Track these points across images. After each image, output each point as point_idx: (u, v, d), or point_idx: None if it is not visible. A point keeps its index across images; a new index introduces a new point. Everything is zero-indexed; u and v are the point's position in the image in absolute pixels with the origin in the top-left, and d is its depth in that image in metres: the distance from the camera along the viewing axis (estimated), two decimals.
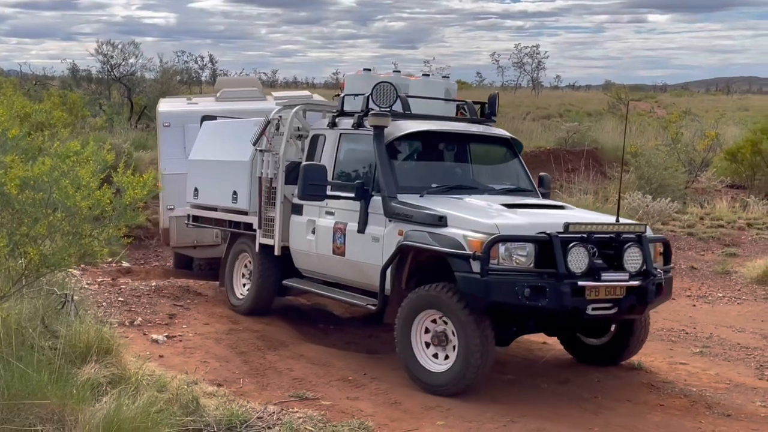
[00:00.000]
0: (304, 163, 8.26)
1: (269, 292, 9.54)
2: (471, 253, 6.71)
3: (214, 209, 10.26)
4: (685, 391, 7.35)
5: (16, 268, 5.80)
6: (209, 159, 10.35)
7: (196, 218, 10.78)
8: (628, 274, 6.87)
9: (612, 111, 36.69)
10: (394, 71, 9.41)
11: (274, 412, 6.44)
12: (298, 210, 8.91)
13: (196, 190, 10.59)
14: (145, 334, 8.55)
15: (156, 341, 8.39)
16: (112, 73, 33.75)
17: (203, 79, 53.95)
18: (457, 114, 9.29)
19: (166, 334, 8.64)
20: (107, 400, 5.46)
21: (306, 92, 15.37)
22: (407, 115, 8.50)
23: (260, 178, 9.23)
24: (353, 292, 8.34)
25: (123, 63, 33.43)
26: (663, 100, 55.09)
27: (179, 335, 8.67)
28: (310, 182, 7.88)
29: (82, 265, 10.10)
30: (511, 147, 8.92)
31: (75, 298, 7.45)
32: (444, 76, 9.62)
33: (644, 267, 6.95)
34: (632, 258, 6.92)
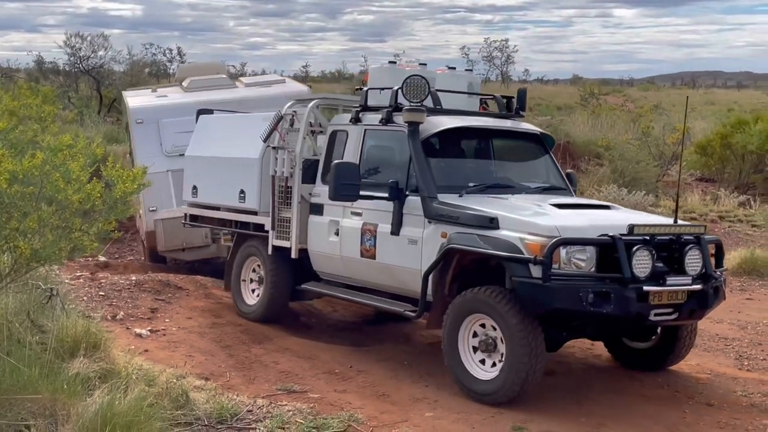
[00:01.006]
0: (336, 161, 7.78)
1: (283, 298, 9.02)
2: (532, 257, 6.35)
3: (217, 208, 9.76)
4: (667, 381, 7.46)
5: (5, 262, 5.76)
6: (210, 155, 9.80)
7: (194, 218, 10.26)
8: (690, 277, 6.61)
9: (583, 105, 36.94)
10: (420, 63, 8.93)
11: (263, 405, 6.48)
12: (317, 210, 8.44)
13: (194, 188, 10.00)
14: (128, 329, 8.51)
15: (140, 335, 8.36)
16: (80, 65, 33.43)
17: (171, 71, 53.58)
18: (479, 108, 9.04)
19: (149, 328, 8.60)
20: (99, 394, 5.44)
21: (276, 76, 15.05)
22: (437, 110, 8.09)
23: (273, 176, 8.74)
24: (382, 296, 7.96)
25: (92, 55, 33.11)
26: (630, 94, 55.55)
27: (162, 329, 8.65)
28: (342, 182, 7.45)
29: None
30: (542, 143, 8.51)
31: (59, 292, 7.39)
32: (467, 70, 9.28)
33: (704, 270, 6.69)
34: (693, 260, 6.65)
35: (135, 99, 12.96)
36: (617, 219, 6.90)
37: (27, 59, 37.09)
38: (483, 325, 6.81)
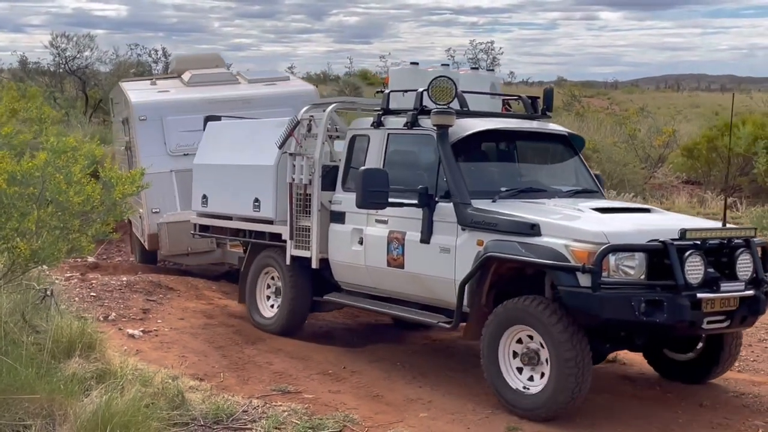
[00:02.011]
0: (363, 167, 7.46)
1: (303, 309, 8.70)
2: (580, 265, 6.04)
3: (229, 218, 9.38)
4: (660, 382, 7.51)
5: (3, 263, 5.76)
6: (221, 163, 9.42)
7: (204, 228, 9.86)
8: (742, 283, 6.32)
9: (567, 108, 37.07)
10: (442, 64, 8.52)
11: (258, 406, 6.49)
12: (338, 218, 8.10)
13: (204, 197, 9.61)
14: (120, 329, 8.52)
15: (132, 336, 8.37)
16: (66, 66, 33.26)
17: (156, 72, 53.37)
18: (502, 109, 8.72)
19: (141, 329, 8.62)
20: (96, 394, 5.46)
21: (276, 71, 14.33)
22: (464, 112, 7.75)
23: (290, 184, 8.37)
24: (409, 306, 7.68)
25: (78, 56, 32.93)
26: (615, 96, 55.78)
27: (155, 330, 8.66)
28: (371, 189, 7.10)
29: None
30: (571, 144, 8.16)
31: (54, 293, 7.40)
32: (489, 70, 8.93)
33: (755, 274, 6.41)
34: (744, 265, 6.37)
35: (137, 93, 12.28)
36: (664, 223, 6.69)
37: (11, 59, 36.89)
38: (528, 337, 6.48)
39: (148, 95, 12.13)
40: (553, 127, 8.34)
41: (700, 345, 7.26)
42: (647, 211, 7.37)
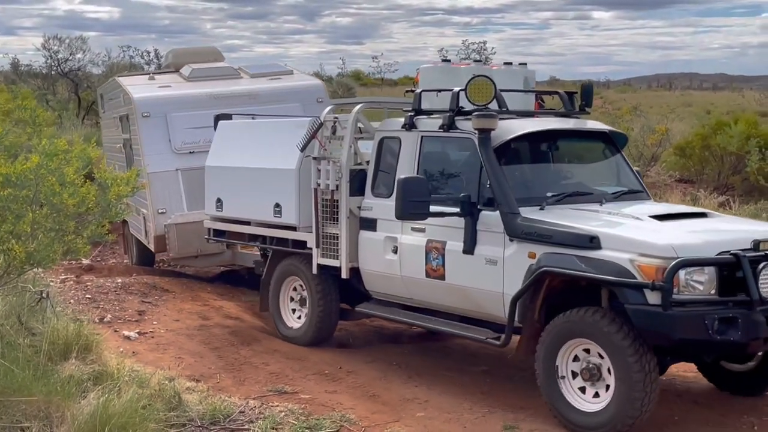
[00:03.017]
0: (402, 176, 6.91)
1: (333, 319, 8.29)
2: (649, 282, 5.63)
3: (247, 223, 8.94)
4: None
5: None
6: (237, 166, 8.94)
7: (219, 233, 9.44)
8: None
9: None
10: (475, 61, 8.02)
11: (255, 407, 6.51)
12: (369, 225, 7.67)
13: (219, 201, 9.15)
14: (116, 331, 8.54)
15: (128, 338, 8.38)
16: (58, 68, 33.23)
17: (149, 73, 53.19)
18: (535, 105, 8.18)
19: (137, 330, 8.63)
20: (93, 396, 5.46)
21: (276, 64, 13.42)
22: (503, 113, 7.27)
23: (316, 189, 7.94)
24: (448, 318, 7.27)
25: (70, 58, 32.90)
26: (608, 96, 55.88)
27: (150, 331, 8.67)
28: (411, 198, 6.61)
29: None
30: (613, 142, 7.70)
31: (49, 295, 7.40)
32: (521, 64, 8.29)
33: None
34: None
35: (138, 89, 11.67)
36: (731, 232, 6.35)
37: (3, 62, 36.86)
38: (584, 351, 6.11)
39: (150, 91, 11.61)
40: (595, 124, 7.94)
41: (758, 356, 6.81)
42: (703, 215, 6.90)
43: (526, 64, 8.17)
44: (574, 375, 6.16)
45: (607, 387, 5.97)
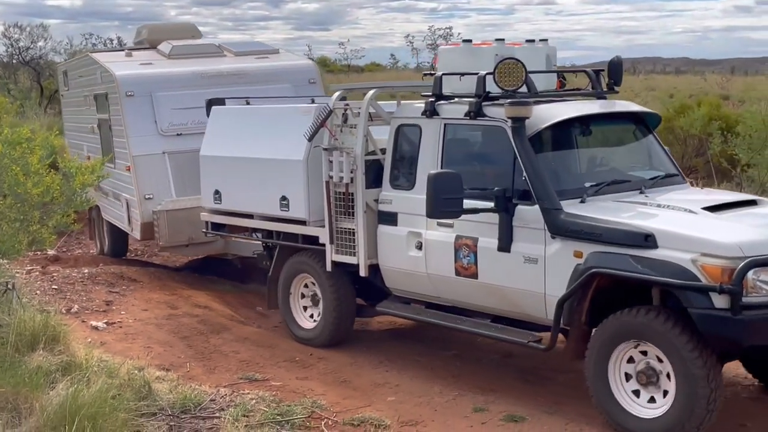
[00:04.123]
0: (433, 171, 6.34)
1: (350, 317, 7.83)
2: (716, 285, 5.19)
3: (250, 216, 8.45)
4: None
5: None
6: (237, 156, 8.39)
7: (218, 226, 8.98)
8: None
9: None
10: (496, 39, 7.12)
11: (226, 395, 6.48)
12: (389, 219, 7.12)
13: (217, 192, 8.63)
14: (83, 321, 8.44)
15: (96, 328, 8.30)
16: (19, 56, 32.84)
17: None
18: (556, 84, 7.51)
19: (105, 320, 8.55)
20: (62, 386, 5.41)
21: (259, 42, 12.99)
22: (533, 97, 6.63)
23: (328, 182, 7.39)
24: (479, 317, 6.79)
25: (32, 46, 32.54)
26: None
27: (119, 321, 8.59)
28: (443, 196, 6.07)
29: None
30: (645, 123, 7.16)
31: (15, 286, 7.31)
32: (542, 40, 7.45)
33: None
34: None
35: (118, 66, 10.82)
36: None
37: None
38: (641, 353, 5.69)
39: (132, 68, 10.82)
40: (629, 105, 7.40)
41: None
42: (754, 203, 6.35)
43: (547, 40, 7.47)
44: (628, 377, 5.76)
45: (665, 392, 5.58)
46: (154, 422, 5.74)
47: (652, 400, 5.66)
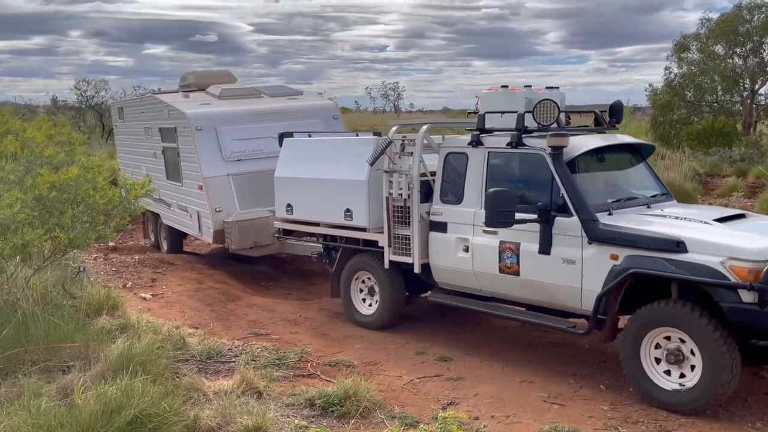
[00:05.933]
0: (491, 189, 5.78)
1: (401, 306, 7.27)
2: (747, 283, 4.80)
3: (316, 224, 7.77)
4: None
5: (48, 248, 5.59)
6: (305, 177, 7.79)
7: (288, 232, 8.25)
8: None
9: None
10: (525, 86, 6.77)
11: (239, 345, 6.45)
12: (440, 228, 6.57)
13: (289, 205, 7.98)
14: (135, 294, 8.33)
15: (144, 298, 8.19)
16: (87, 103, 32.29)
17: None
18: (564, 122, 6.89)
19: (151, 293, 8.44)
20: (120, 341, 5.36)
21: (284, 85, 11.79)
22: (564, 130, 6.22)
23: (387, 198, 6.85)
24: (519, 307, 6.29)
25: (96, 95, 32.03)
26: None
27: (161, 293, 8.48)
28: (500, 209, 5.65)
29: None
30: (639, 152, 6.74)
31: (85, 269, 7.21)
32: (550, 87, 6.98)
33: None
34: None
35: (185, 105, 10.17)
36: None
37: (44, 98, 36.11)
38: (665, 338, 5.20)
39: (195, 107, 10.08)
40: (629, 138, 6.89)
41: None
42: (743, 216, 5.89)
43: (558, 87, 6.99)
44: (658, 361, 5.27)
45: (692, 366, 5.09)
46: (188, 366, 5.72)
47: (680, 375, 5.17)
